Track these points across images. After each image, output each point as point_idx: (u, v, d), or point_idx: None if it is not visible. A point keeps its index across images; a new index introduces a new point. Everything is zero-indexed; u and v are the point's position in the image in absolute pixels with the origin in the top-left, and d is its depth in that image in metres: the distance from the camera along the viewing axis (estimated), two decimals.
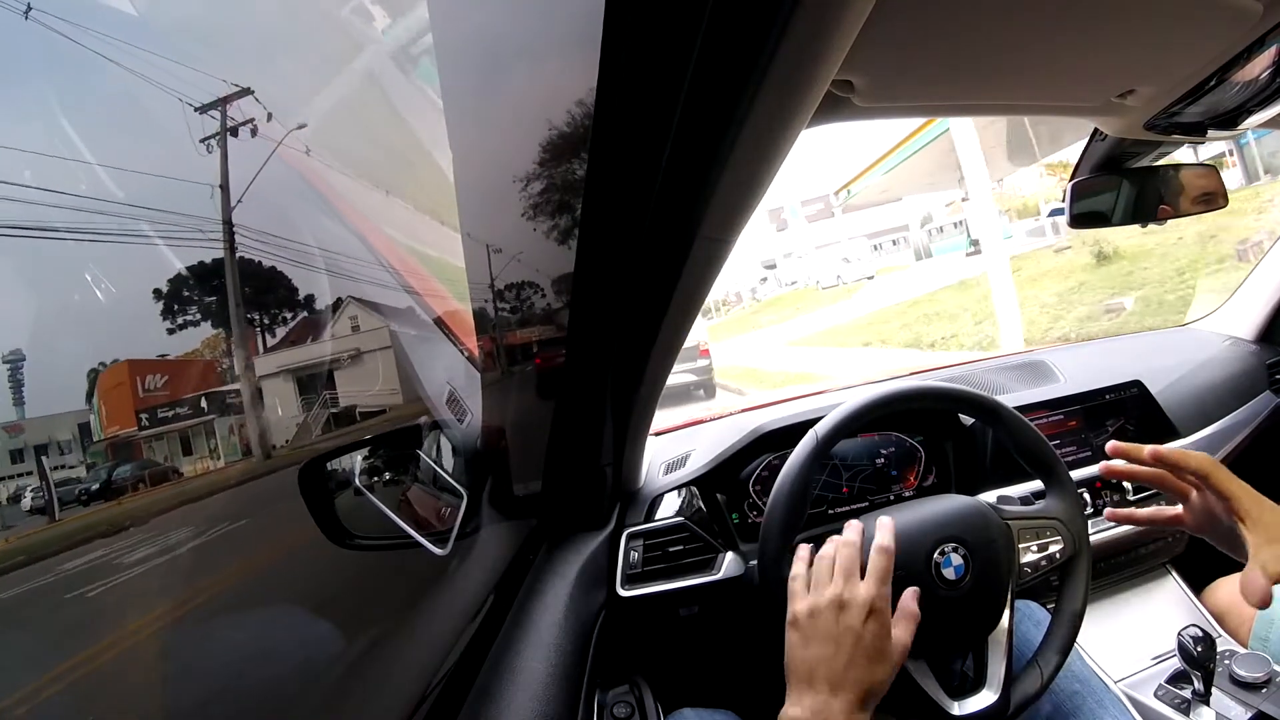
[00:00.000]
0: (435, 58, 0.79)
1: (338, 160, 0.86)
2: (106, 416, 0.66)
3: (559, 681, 0.67)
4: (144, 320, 0.64)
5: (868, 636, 0.64)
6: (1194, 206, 1.09)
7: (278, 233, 0.76)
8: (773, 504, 0.80)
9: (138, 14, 0.64)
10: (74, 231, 0.55)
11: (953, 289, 11.35)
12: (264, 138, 0.74)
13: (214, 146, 0.70)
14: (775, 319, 18.21)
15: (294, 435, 0.89)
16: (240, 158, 0.71)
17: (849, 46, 0.45)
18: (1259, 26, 0.62)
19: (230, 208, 0.70)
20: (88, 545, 0.59)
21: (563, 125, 0.60)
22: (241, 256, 0.72)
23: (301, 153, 0.78)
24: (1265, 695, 0.84)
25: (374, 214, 0.93)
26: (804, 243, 26.19)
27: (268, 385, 0.84)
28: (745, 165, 0.51)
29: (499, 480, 0.93)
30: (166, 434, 0.72)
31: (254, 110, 0.73)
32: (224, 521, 0.77)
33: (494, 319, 0.95)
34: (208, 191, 0.69)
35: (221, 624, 0.71)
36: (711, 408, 1.46)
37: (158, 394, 0.70)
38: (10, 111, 0.53)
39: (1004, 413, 0.86)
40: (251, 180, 0.72)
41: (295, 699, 0.66)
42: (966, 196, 12.60)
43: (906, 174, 10.95)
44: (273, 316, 0.83)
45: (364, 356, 0.98)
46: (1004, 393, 1.23)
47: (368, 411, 1.00)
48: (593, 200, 0.54)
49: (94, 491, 0.64)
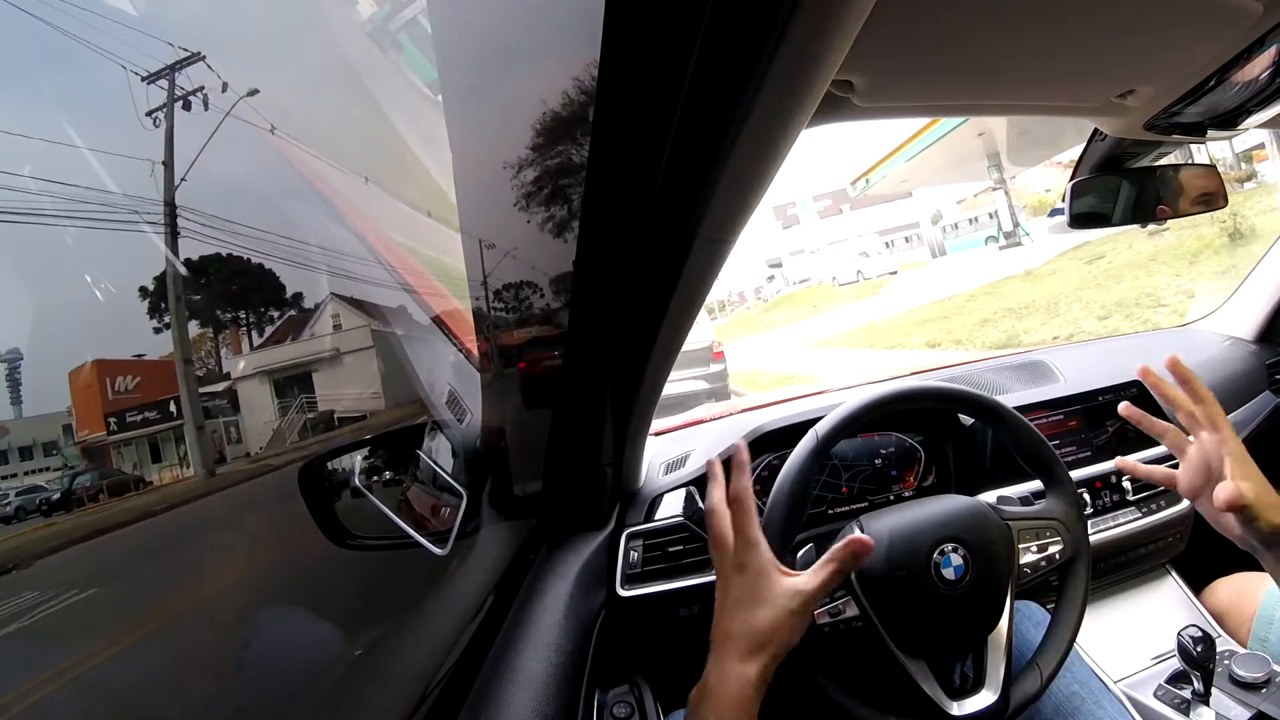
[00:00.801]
0: (434, 56, 0.79)
1: (330, 155, 0.83)
2: (77, 420, 0.63)
3: (559, 681, 0.67)
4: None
5: (736, 584, 0.62)
6: (1194, 207, 1.09)
7: (247, 221, 0.69)
8: (773, 503, 0.80)
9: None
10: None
11: (1017, 280, 9.96)
12: (218, 109, 0.66)
13: (160, 120, 0.63)
14: (791, 317, 17.27)
15: (268, 442, 0.84)
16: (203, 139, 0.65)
17: (849, 47, 0.45)
18: (1259, 26, 0.62)
19: (174, 186, 0.62)
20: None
21: (563, 125, 0.60)
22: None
23: (292, 142, 0.73)
24: (1265, 695, 0.84)
25: (370, 210, 0.92)
26: (816, 239, 25.75)
27: (243, 388, 0.80)
28: (745, 165, 0.51)
29: (499, 480, 0.93)
30: (135, 439, 0.68)
31: (207, 80, 0.65)
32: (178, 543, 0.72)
33: (493, 319, 0.95)
34: (146, 168, 0.61)
35: (221, 624, 0.71)
36: (711, 408, 1.46)
37: (127, 397, 0.66)
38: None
39: (1004, 413, 0.86)
40: (196, 155, 0.64)
41: (295, 699, 0.66)
42: (999, 184, 12.36)
43: (928, 162, 10.55)
44: (249, 314, 0.78)
45: (348, 357, 0.95)
46: (1004, 393, 1.23)
47: (346, 417, 0.96)
48: (593, 200, 0.54)
49: (54, 502, 0.60)
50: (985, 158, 11.24)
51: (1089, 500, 1.09)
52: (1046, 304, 7.90)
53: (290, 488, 0.70)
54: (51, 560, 0.55)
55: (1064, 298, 7.90)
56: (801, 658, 0.78)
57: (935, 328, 8.92)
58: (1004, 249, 13.83)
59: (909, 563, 0.73)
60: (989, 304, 9.17)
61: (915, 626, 0.74)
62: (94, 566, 0.61)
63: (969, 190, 20.28)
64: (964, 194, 20.85)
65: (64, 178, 0.53)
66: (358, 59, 0.91)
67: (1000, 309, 8.54)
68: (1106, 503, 1.11)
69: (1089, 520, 0.99)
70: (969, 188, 19.99)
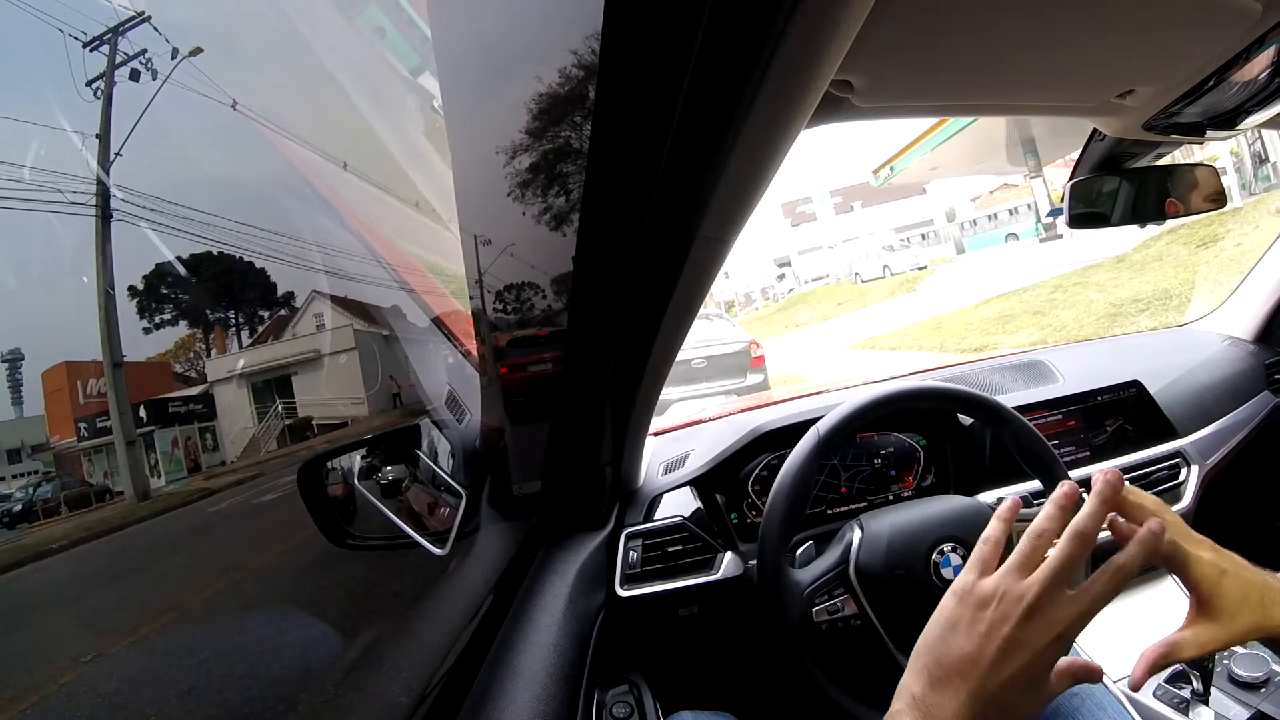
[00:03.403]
0: (433, 54, 0.79)
1: (315, 144, 0.80)
2: (49, 425, 0.60)
3: (558, 681, 0.67)
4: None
5: (1027, 646, 0.47)
6: (1194, 206, 1.09)
7: (208, 209, 0.62)
8: (773, 502, 0.80)
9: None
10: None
11: (1105, 269, 8.36)
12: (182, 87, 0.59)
13: (99, 91, 0.55)
14: (814, 317, 15.54)
15: (243, 450, 0.79)
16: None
17: (848, 47, 0.45)
18: (1258, 26, 0.62)
19: (109, 161, 0.55)
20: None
21: (563, 124, 0.60)
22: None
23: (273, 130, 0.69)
24: (1264, 695, 0.84)
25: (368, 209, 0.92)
26: (833, 235, 25.13)
27: (219, 392, 0.75)
28: (744, 165, 0.51)
29: (498, 480, 0.93)
30: (105, 446, 0.64)
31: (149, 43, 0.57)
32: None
33: (492, 319, 0.95)
34: (76, 141, 0.53)
35: (220, 623, 0.71)
36: (710, 407, 1.45)
37: (99, 400, 0.62)
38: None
39: (1004, 413, 0.86)
40: (134, 126, 0.56)
41: (296, 699, 0.66)
42: (1034, 173, 11.81)
43: (957, 149, 9.88)
44: (237, 314, 0.75)
45: (342, 358, 0.92)
46: (1003, 393, 1.23)
47: (326, 425, 0.92)
48: (592, 199, 0.54)
49: (16, 514, 0.56)
50: (1020, 143, 10.43)
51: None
52: (1179, 291, 6.32)
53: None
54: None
55: (1186, 284, 6.43)
56: (799, 656, 0.78)
57: (1029, 323, 7.37)
58: (1045, 241, 12.85)
59: (908, 562, 0.73)
60: (1083, 294, 7.72)
61: (914, 626, 0.74)
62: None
63: (985, 187, 20.12)
64: (979, 191, 20.71)
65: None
66: (367, 68, 0.90)
67: (1125, 298, 6.91)
68: None
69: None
70: (984, 184, 19.80)
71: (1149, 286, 7.08)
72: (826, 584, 0.80)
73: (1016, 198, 17.88)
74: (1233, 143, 8.78)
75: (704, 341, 5.59)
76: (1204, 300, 5.75)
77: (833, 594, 0.79)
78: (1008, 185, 18.66)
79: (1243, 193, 8.90)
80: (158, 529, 0.68)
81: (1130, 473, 1.11)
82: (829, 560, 0.83)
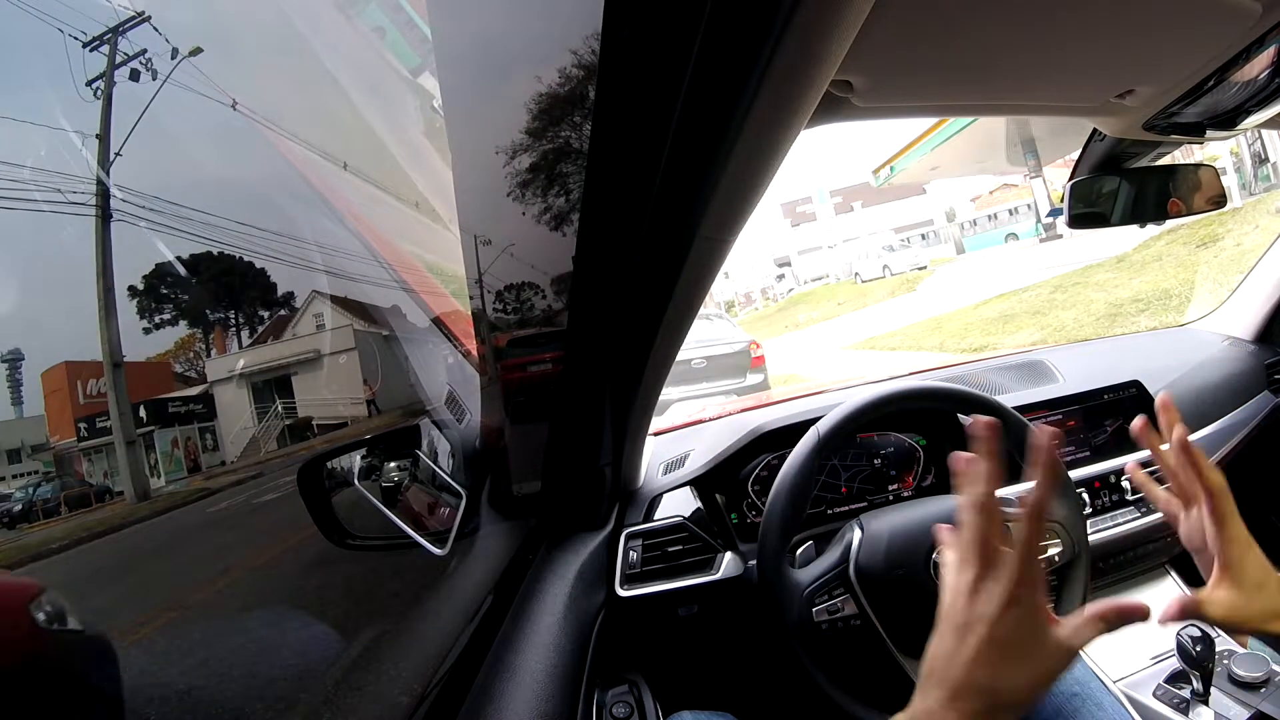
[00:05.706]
0: (433, 54, 0.79)
1: (317, 147, 0.81)
2: (49, 425, 0.60)
3: (558, 681, 0.67)
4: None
5: (1003, 628, 0.48)
6: (1193, 206, 1.09)
7: (208, 210, 0.62)
8: (773, 502, 0.80)
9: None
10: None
11: (1105, 269, 8.38)
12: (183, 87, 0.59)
13: (100, 91, 0.56)
14: (815, 317, 15.59)
15: (243, 450, 0.79)
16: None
17: (848, 47, 0.45)
18: (1258, 26, 0.62)
19: (109, 161, 0.54)
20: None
21: (563, 124, 0.60)
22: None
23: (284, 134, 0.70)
24: (1264, 695, 0.84)
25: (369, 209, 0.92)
26: (833, 235, 25.11)
27: (219, 392, 0.75)
28: (744, 165, 0.51)
29: (498, 480, 0.93)
30: (105, 446, 0.63)
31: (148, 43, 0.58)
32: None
33: (492, 319, 0.95)
34: (76, 141, 0.53)
35: (220, 623, 0.71)
36: (708, 407, 1.45)
37: (99, 400, 0.62)
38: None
39: (1004, 413, 0.86)
40: (134, 126, 0.57)
41: (295, 699, 0.66)
42: (1034, 173, 11.78)
43: (957, 148, 9.85)
44: (241, 315, 0.75)
45: (342, 358, 0.91)
46: (1003, 393, 1.23)
47: (326, 425, 0.91)
48: (592, 199, 0.54)
49: (16, 514, 0.56)
50: (1020, 143, 10.38)
51: (1088, 500, 1.10)
52: (1179, 291, 6.35)
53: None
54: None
55: (1186, 284, 6.43)
56: (799, 656, 0.78)
57: (1029, 323, 7.39)
58: (1045, 241, 12.84)
59: (908, 562, 0.73)
60: (1083, 294, 7.69)
61: (913, 626, 0.74)
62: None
63: (985, 187, 20.06)
64: (978, 191, 20.64)
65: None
66: (367, 67, 0.90)
67: (1125, 298, 6.88)
68: (1105, 502, 1.11)
69: (1088, 520, 0.99)
70: (984, 184, 19.74)
71: (1149, 286, 7.06)
72: (826, 584, 0.80)
73: (1016, 198, 17.83)
74: (1233, 143, 8.80)
75: (704, 341, 5.59)
76: (1204, 300, 5.75)
77: (833, 594, 0.79)
78: (1008, 185, 18.61)
79: (1242, 193, 8.88)
80: (158, 529, 0.68)
81: None
82: (829, 560, 0.83)
